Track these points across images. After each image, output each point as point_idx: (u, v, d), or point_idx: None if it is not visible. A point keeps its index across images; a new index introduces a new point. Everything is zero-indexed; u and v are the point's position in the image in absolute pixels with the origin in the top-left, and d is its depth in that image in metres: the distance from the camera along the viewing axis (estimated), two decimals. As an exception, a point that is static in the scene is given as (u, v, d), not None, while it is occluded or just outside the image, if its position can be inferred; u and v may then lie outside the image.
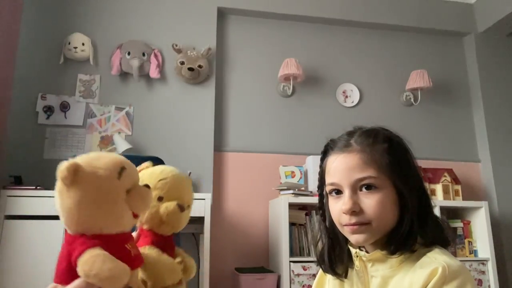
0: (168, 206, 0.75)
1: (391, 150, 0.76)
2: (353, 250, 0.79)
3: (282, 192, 2.47)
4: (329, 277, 0.88)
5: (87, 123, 2.57)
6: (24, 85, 2.53)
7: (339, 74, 3.05)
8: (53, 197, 0.55)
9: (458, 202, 2.67)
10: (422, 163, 2.83)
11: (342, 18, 3.06)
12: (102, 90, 2.64)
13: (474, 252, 2.59)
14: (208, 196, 2.23)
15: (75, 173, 0.52)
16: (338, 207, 0.76)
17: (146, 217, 0.74)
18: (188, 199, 0.81)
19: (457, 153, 3.07)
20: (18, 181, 2.21)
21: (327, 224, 0.84)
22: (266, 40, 3.00)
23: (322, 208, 0.85)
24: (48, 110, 2.53)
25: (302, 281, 2.22)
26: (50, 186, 2.26)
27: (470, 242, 2.61)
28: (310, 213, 2.50)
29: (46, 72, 2.59)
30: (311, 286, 2.21)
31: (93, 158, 0.55)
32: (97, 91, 2.63)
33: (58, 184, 0.54)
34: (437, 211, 2.52)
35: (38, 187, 2.12)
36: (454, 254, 2.56)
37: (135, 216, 0.58)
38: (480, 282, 2.44)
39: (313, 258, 2.34)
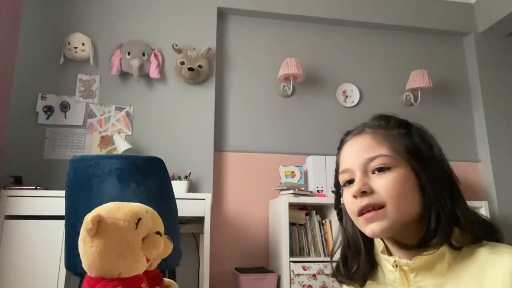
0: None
1: (408, 135, 0.70)
2: (390, 259, 0.68)
3: (282, 192, 2.47)
4: None
5: (87, 123, 2.57)
6: (24, 85, 2.53)
7: (339, 74, 3.05)
8: (53, 197, 0.60)
9: (458, 202, 2.67)
10: (422, 163, 2.83)
11: (342, 18, 3.06)
12: (102, 90, 2.64)
13: (474, 252, 2.59)
14: (208, 196, 2.23)
15: (99, 224, 0.59)
16: (349, 194, 0.69)
17: None
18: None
19: (457, 153, 3.07)
20: (18, 181, 2.21)
21: (344, 224, 0.77)
22: (266, 40, 3.00)
23: (338, 207, 0.78)
24: (48, 110, 2.53)
25: (302, 281, 2.22)
26: (50, 186, 2.27)
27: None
28: (310, 213, 2.50)
29: (46, 72, 2.59)
30: (311, 286, 2.21)
31: (114, 209, 0.63)
32: (97, 91, 2.63)
33: (83, 233, 0.61)
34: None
35: (38, 187, 2.12)
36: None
37: (148, 260, 0.65)
38: (480, 282, 2.44)
39: (313, 258, 2.34)
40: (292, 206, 2.39)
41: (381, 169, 0.66)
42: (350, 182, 0.70)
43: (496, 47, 3.25)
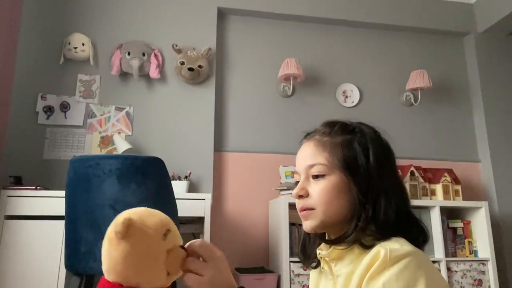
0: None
1: (347, 142, 0.75)
2: (317, 252, 0.79)
3: (282, 192, 2.47)
4: (311, 278, 0.88)
5: (87, 123, 2.57)
6: (24, 85, 2.53)
7: (339, 74, 3.05)
8: (53, 197, 0.59)
9: (458, 202, 2.67)
10: (422, 163, 2.83)
11: (342, 18, 3.06)
12: (102, 90, 2.64)
13: (474, 252, 2.59)
14: (208, 196, 2.23)
15: (128, 228, 0.58)
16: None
17: None
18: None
19: (457, 153, 3.07)
20: (18, 181, 2.21)
21: None
22: (266, 40, 3.00)
23: None
24: (48, 110, 2.53)
25: (302, 281, 2.22)
26: (50, 186, 2.27)
27: (470, 242, 2.61)
28: (310, 213, 2.49)
29: (46, 72, 2.59)
30: (311, 286, 2.21)
31: (145, 216, 0.61)
32: (97, 91, 2.63)
33: (110, 234, 0.59)
34: (437, 211, 2.52)
35: (38, 187, 2.12)
36: (455, 255, 2.56)
37: (168, 274, 0.63)
38: (480, 282, 2.44)
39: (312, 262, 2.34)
40: (292, 206, 2.39)
41: (317, 176, 0.75)
42: (298, 182, 0.79)
43: (496, 47, 3.25)
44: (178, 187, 2.36)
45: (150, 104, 2.68)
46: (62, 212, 1.59)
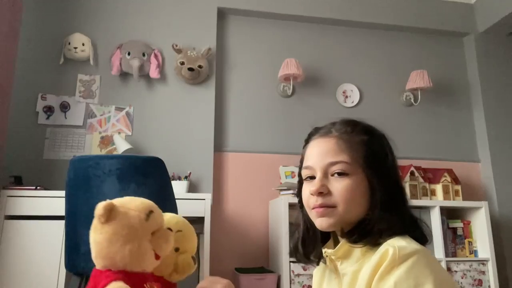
0: (185, 258, 0.80)
1: (370, 143, 0.76)
2: (323, 250, 0.79)
3: (282, 192, 2.47)
4: (314, 277, 0.88)
5: (87, 123, 2.57)
6: (24, 85, 2.53)
7: (339, 74, 3.05)
8: (53, 197, 0.60)
9: (458, 202, 2.67)
10: (422, 163, 2.83)
11: (342, 18, 3.06)
12: (102, 90, 2.64)
13: (474, 252, 2.59)
14: (208, 196, 2.23)
15: (110, 212, 0.59)
16: (308, 190, 0.77)
17: (160, 264, 0.79)
18: (195, 249, 0.87)
19: (457, 153, 3.07)
20: (18, 181, 2.21)
21: (303, 211, 0.84)
22: (266, 40, 3.00)
23: (300, 195, 0.85)
24: (48, 110, 2.53)
25: (302, 281, 2.22)
26: (50, 186, 2.27)
27: (470, 242, 2.61)
28: (310, 213, 2.50)
29: (46, 72, 2.59)
30: (311, 286, 2.21)
31: (126, 200, 0.63)
32: (97, 91, 2.63)
33: (94, 221, 0.61)
34: (437, 211, 2.52)
35: (38, 187, 2.12)
36: (455, 255, 2.56)
37: (157, 257, 0.64)
38: (480, 282, 2.44)
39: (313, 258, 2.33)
40: (292, 206, 2.39)
41: (340, 174, 0.74)
42: (311, 178, 0.77)
43: (496, 47, 3.25)
44: (178, 187, 2.36)
45: (150, 104, 2.68)
46: (62, 212, 1.59)
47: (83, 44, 2.59)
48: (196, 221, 2.28)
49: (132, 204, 0.62)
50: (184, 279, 0.82)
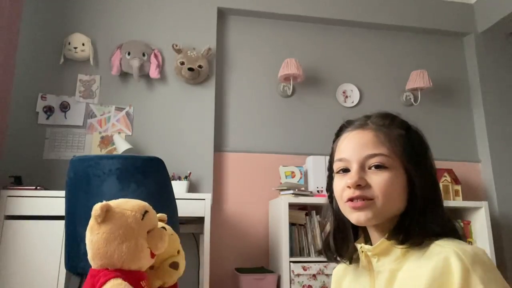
0: (179, 272, 0.85)
1: (409, 137, 0.75)
2: (358, 246, 0.76)
3: (282, 192, 2.47)
4: (334, 276, 0.86)
5: (87, 123, 2.57)
6: (24, 85, 2.53)
7: (339, 74, 3.05)
8: (53, 197, 0.61)
9: (458, 202, 2.67)
10: (422, 163, 2.83)
11: (342, 18, 3.06)
12: (102, 90, 2.64)
13: (474, 252, 2.59)
14: (208, 196, 2.23)
15: (107, 212, 0.61)
16: (342, 183, 0.74)
17: (158, 272, 0.80)
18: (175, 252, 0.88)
19: (457, 153, 3.07)
20: (18, 181, 2.21)
21: (334, 206, 0.81)
22: (266, 40, 3.00)
23: (330, 189, 0.82)
24: (48, 110, 2.53)
25: (302, 281, 2.22)
26: (50, 186, 2.27)
27: (470, 242, 2.61)
28: (310, 213, 2.50)
29: (46, 72, 2.59)
30: (311, 286, 2.21)
31: (122, 202, 0.65)
32: (97, 91, 2.63)
33: (91, 221, 0.63)
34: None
35: (38, 187, 2.12)
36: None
37: (152, 256, 0.65)
38: (480, 282, 2.44)
39: (313, 258, 2.34)
40: (292, 206, 2.39)
41: (378, 167, 0.71)
42: (345, 170, 0.75)
43: (496, 47, 3.25)
44: (178, 187, 2.36)
45: (150, 104, 2.68)
46: (62, 212, 1.59)
47: (83, 44, 2.59)
48: (196, 221, 2.28)
49: (128, 205, 0.64)
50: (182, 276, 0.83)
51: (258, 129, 2.84)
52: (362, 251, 0.75)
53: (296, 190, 2.43)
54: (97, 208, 0.60)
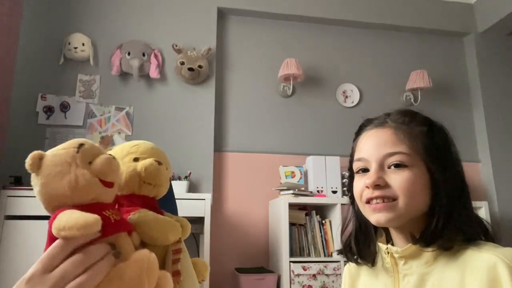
0: (144, 162, 0.74)
1: (430, 134, 0.72)
2: (383, 246, 0.73)
3: (282, 192, 2.47)
4: (347, 276, 0.84)
5: (87, 123, 2.57)
6: (24, 85, 2.53)
7: (339, 74, 3.05)
8: None
9: (458, 202, 2.67)
10: (422, 163, 2.83)
11: (342, 18, 3.06)
12: (102, 90, 2.64)
13: (474, 252, 2.59)
14: (208, 196, 2.23)
15: (40, 160, 0.57)
16: (361, 183, 0.71)
17: (124, 181, 0.72)
18: (164, 161, 0.80)
19: (457, 153, 3.07)
20: (18, 181, 2.21)
21: (355, 207, 0.79)
22: (266, 40, 3.00)
23: (351, 190, 0.79)
24: (48, 110, 2.53)
25: (302, 281, 2.22)
26: (50, 186, 2.27)
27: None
28: (310, 213, 2.50)
29: (46, 72, 2.59)
30: (311, 286, 2.21)
31: (56, 147, 0.60)
32: (97, 91, 2.63)
33: (31, 178, 0.59)
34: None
35: (38, 187, 2.12)
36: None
37: (107, 184, 0.59)
38: (480, 282, 2.44)
39: (313, 258, 2.34)
40: (292, 206, 2.39)
41: (398, 165, 0.69)
42: (364, 170, 0.73)
43: (496, 47, 3.25)
44: (178, 187, 2.36)
45: (150, 104, 2.68)
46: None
47: (83, 44, 2.59)
48: (196, 221, 2.28)
49: (60, 146, 0.60)
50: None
51: (258, 129, 2.84)
52: (388, 252, 0.72)
53: (296, 190, 2.43)
54: (28, 159, 0.56)
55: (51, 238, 0.54)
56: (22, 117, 2.49)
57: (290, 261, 2.24)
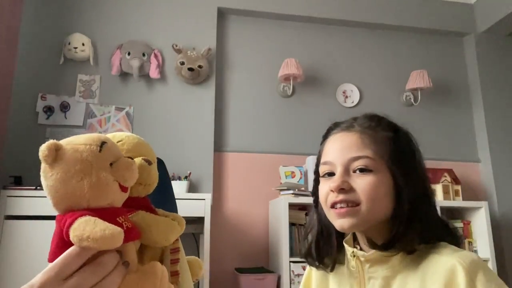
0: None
1: (395, 139, 0.72)
2: (349, 249, 0.73)
3: (282, 192, 2.47)
4: (314, 277, 0.83)
5: (87, 123, 2.57)
6: (24, 85, 2.53)
7: (339, 74, 3.05)
8: None
9: (458, 202, 2.67)
10: (422, 163, 2.83)
11: (342, 18, 3.06)
12: (102, 90, 2.64)
13: (474, 252, 2.59)
14: (208, 196, 2.23)
15: (56, 151, 0.54)
16: (327, 187, 0.71)
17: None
18: (150, 155, 0.78)
19: (457, 153, 3.07)
20: (18, 181, 2.21)
21: (319, 210, 0.78)
22: (266, 40, 3.00)
23: (316, 193, 0.79)
24: (48, 110, 2.53)
25: (302, 281, 2.22)
26: (50, 186, 2.27)
27: (470, 242, 2.61)
28: (310, 214, 2.49)
29: (46, 72, 2.59)
30: (311, 286, 2.21)
31: (73, 138, 0.56)
32: (97, 91, 2.63)
33: (42, 165, 0.56)
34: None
35: (38, 187, 2.12)
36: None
37: (124, 189, 0.57)
38: (480, 282, 2.44)
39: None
40: (292, 206, 2.39)
41: (362, 170, 0.69)
42: (330, 174, 0.73)
43: (496, 47, 3.25)
44: (178, 187, 2.36)
45: (150, 104, 2.68)
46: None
47: (83, 44, 2.59)
48: (196, 221, 2.28)
49: (80, 139, 0.55)
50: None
51: (258, 129, 2.84)
52: (354, 255, 0.72)
53: (296, 190, 2.43)
54: (43, 148, 0.53)
55: (63, 240, 0.51)
56: (22, 117, 2.49)
57: (290, 261, 2.24)
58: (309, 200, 2.55)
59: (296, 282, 2.21)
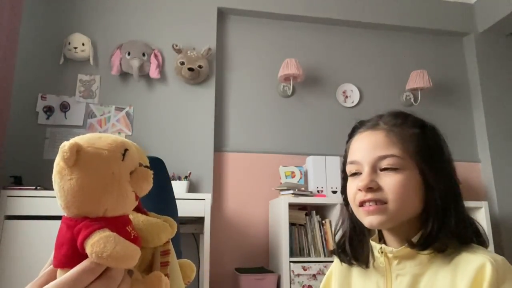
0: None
1: (423, 136, 0.72)
2: (377, 246, 0.73)
3: (282, 192, 2.47)
4: (336, 275, 0.83)
5: (87, 123, 2.57)
6: (24, 85, 2.53)
7: (339, 74, 3.05)
8: (53, 197, 0.53)
9: (458, 202, 2.66)
10: (422, 163, 2.83)
11: (342, 18, 3.06)
12: (102, 90, 2.64)
13: (474, 252, 2.59)
14: (208, 196, 2.23)
15: (78, 154, 0.50)
16: (354, 186, 0.71)
17: None
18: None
19: (457, 153, 3.05)
20: (18, 181, 2.21)
21: (349, 209, 0.79)
22: (266, 40, 3.00)
23: (344, 192, 0.79)
24: (48, 110, 2.53)
25: (302, 282, 2.22)
26: (50, 186, 2.26)
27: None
28: (310, 214, 2.50)
29: (46, 72, 2.59)
30: (311, 286, 2.21)
31: (94, 139, 0.53)
32: (97, 91, 2.63)
33: (59, 164, 0.51)
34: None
35: (38, 187, 2.12)
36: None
37: (137, 198, 0.56)
38: (480, 282, 2.44)
39: (313, 258, 2.34)
40: (292, 206, 2.39)
41: (389, 169, 0.69)
42: (357, 174, 0.73)
43: (496, 47, 3.25)
44: (178, 187, 2.36)
45: (150, 104, 2.68)
46: (62, 212, 1.59)
47: (83, 44, 2.59)
48: (196, 221, 2.28)
49: (102, 142, 0.52)
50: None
51: (258, 129, 2.84)
52: (382, 252, 0.72)
53: (296, 190, 2.43)
54: (65, 149, 0.49)
55: (74, 248, 0.50)
56: (22, 117, 2.49)
57: (290, 261, 2.24)
58: (309, 200, 2.55)
59: (296, 282, 2.21)
